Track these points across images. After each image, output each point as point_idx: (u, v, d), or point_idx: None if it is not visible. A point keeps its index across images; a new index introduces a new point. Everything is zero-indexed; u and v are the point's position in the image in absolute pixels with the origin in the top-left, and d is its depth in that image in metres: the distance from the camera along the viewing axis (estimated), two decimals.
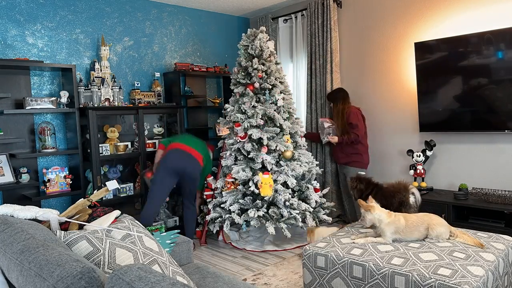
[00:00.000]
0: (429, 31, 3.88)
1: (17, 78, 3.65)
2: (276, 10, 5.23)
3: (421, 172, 3.87)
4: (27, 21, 3.74)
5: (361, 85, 4.45)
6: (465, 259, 2.12)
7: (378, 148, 4.37)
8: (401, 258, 2.18)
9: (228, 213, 3.77)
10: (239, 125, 3.84)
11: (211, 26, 5.19)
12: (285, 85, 4.08)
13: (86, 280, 1.18)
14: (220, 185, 3.96)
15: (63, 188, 3.72)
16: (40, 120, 3.78)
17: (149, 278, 1.11)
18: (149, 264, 1.59)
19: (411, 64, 4.00)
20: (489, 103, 3.44)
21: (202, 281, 2.01)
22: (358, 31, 4.46)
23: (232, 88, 4.04)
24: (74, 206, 1.99)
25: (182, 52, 4.90)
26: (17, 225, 1.58)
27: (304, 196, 3.85)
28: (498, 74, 3.37)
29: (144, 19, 4.55)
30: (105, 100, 3.93)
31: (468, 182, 3.75)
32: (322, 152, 4.65)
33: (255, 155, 3.75)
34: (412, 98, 4.03)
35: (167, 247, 2.12)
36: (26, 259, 1.34)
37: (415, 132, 4.06)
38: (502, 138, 3.52)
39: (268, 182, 3.60)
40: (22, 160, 3.65)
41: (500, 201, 3.26)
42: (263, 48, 3.95)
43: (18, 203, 3.46)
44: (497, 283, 2.14)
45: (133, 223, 1.85)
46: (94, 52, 4.16)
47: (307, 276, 2.49)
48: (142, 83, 4.51)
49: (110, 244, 1.57)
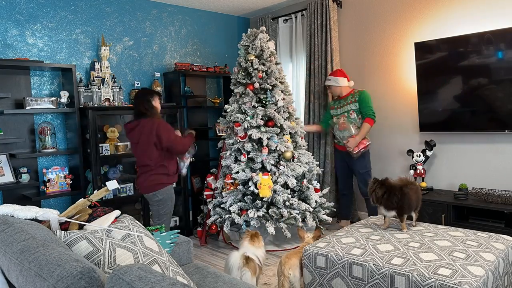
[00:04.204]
0: (429, 31, 3.88)
1: (17, 78, 3.65)
2: (276, 10, 5.23)
3: (421, 172, 3.87)
4: (27, 21, 3.74)
5: (361, 85, 4.44)
6: (465, 259, 2.12)
7: (378, 148, 4.37)
8: (401, 258, 2.18)
9: (228, 213, 3.77)
10: (239, 125, 3.84)
11: (211, 26, 5.19)
12: (285, 85, 4.08)
13: (86, 280, 1.18)
14: (220, 185, 3.96)
15: (63, 188, 3.72)
16: (40, 120, 3.78)
17: (149, 278, 1.11)
18: (149, 264, 1.59)
19: (411, 64, 4.00)
20: (489, 103, 3.44)
21: (202, 281, 2.01)
22: (358, 31, 4.46)
23: (232, 88, 4.04)
24: (74, 206, 1.99)
25: (182, 52, 4.90)
26: (17, 225, 1.58)
27: (304, 196, 3.85)
28: (498, 74, 3.37)
29: (144, 19, 4.55)
30: (105, 100, 3.93)
31: (468, 182, 3.75)
32: (321, 153, 4.65)
33: (255, 155, 3.75)
34: (412, 98, 4.03)
35: (167, 247, 2.12)
36: (26, 259, 1.34)
37: (415, 132, 4.06)
38: (502, 138, 3.52)
39: (267, 183, 3.60)
40: (22, 160, 3.65)
41: (500, 201, 3.26)
42: (264, 48, 3.95)
43: (18, 203, 3.46)
44: (497, 283, 2.14)
45: (133, 223, 1.85)
46: (94, 52, 4.16)
47: (307, 276, 2.49)
48: (142, 83, 4.51)
49: (110, 244, 1.57)
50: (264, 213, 3.62)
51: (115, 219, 1.85)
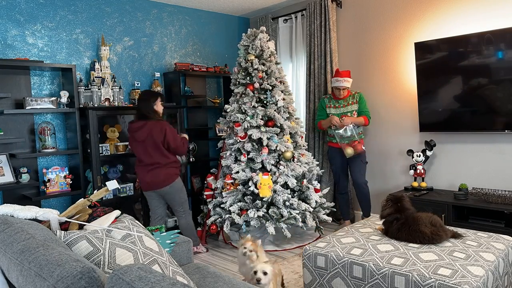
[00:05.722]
0: (429, 31, 3.88)
1: (17, 78, 3.65)
2: (276, 10, 5.23)
3: (421, 172, 3.87)
4: (27, 21, 3.74)
5: (361, 85, 4.45)
6: (465, 259, 2.12)
7: (378, 148, 4.37)
8: (401, 258, 2.18)
9: (228, 213, 3.77)
10: (239, 125, 3.84)
11: (211, 26, 5.19)
12: (286, 85, 4.08)
13: (86, 280, 1.18)
14: (220, 185, 3.96)
15: (63, 188, 3.72)
16: (40, 120, 3.78)
17: (149, 278, 1.11)
18: (149, 264, 1.59)
19: (411, 64, 4.00)
20: (489, 103, 3.44)
21: (202, 281, 2.01)
22: (358, 31, 4.46)
23: (232, 88, 4.04)
24: (74, 206, 1.99)
25: (182, 52, 4.90)
26: (17, 225, 1.58)
27: (304, 196, 3.86)
28: (498, 74, 3.37)
29: (144, 19, 4.55)
30: (105, 100, 3.93)
31: (468, 182, 3.75)
32: (321, 153, 4.65)
33: (255, 155, 3.75)
34: (412, 98, 4.03)
35: (167, 247, 2.12)
36: (26, 259, 1.34)
37: (415, 132, 4.06)
38: (502, 138, 3.52)
39: (267, 183, 3.60)
40: (22, 160, 3.65)
41: (500, 201, 3.26)
42: (264, 48, 3.95)
43: (18, 203, 3.47)
44: (497, 283, 2.14)
45: (133, 223, 1.85)
46: (94, 52, 4.16)
47: (307, 276, 2.49)
48: (142, 83, 4.51)
49: (110, 244, 1.57)
50: (264, 213, 3.62)
51: (115, 219, 1.85)
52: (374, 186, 4.42)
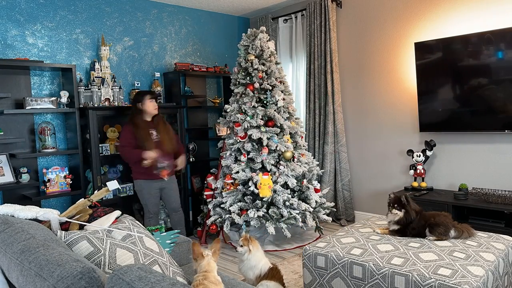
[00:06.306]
0: (429, 31, 3.88)
1: (17, 78, 3.65)
2: (276, 10, 5.23)
3: (421, 172, 3.87)
4: (27, 21, 3.74)
5: (361, 85, 4.45)
6: (465, 259, 2.12)
7: (378, 148, 4.37)
8: (401, 258, 2.18)
9: (228, 213, 3.77)
10: (239, 125, 3.84)
11: (211, 26, 5.19)
12: (286, 85, 4.08)
13: (86, 280, 1.18)
14: (220, 185, 3.96)
15: (63, 188, 3.72)
16: (40, 120, 3.78)
17: (149, 278, 1.11)
18: (149, 265, 1.60)
19: (411, 64, 4.00)
20: (489, 103, 3.44)
21: None
22: (358, 31, 4.46)
23: (232, 88, 4.04)
24: (75, 206, 1.99)
25: (182, 52, 4.90)
26: (18, 225, 1.58)
27: (304, 196, 3.86)
28: (498, 74, 3.37)
29: (144, 19, 4.55)
30: (105, 100, 3.93)
31: (468, 182, 3.75)
32: (321, 153, 4.65)
33: (255, 155, 3.75)
34: (412, 98, 4.03)
35: (167, 247, 2.12)
36: (27, 259, 1.34)
37: (415, 132, 4.06)
38: (502, 138, 3.52)
39: (267, 183, 3.60)
40: (22, 160, 3.65)
41: (500, 201, 3.26)
42: (264, 48, 3.95)
43: (18, 203, 3.46)
44: (497, 283, 2.14)
45: (133, 223, 1.85)
46: (94, 52, 4.16)
47: (307, 276, 2.49)
48: (142, 83, 4.51)
49: (111, 244, 1.57)
50: (264, 213, 3.62)
51: (115, 219, 1.85)
52: (374, 186, 4.42)
